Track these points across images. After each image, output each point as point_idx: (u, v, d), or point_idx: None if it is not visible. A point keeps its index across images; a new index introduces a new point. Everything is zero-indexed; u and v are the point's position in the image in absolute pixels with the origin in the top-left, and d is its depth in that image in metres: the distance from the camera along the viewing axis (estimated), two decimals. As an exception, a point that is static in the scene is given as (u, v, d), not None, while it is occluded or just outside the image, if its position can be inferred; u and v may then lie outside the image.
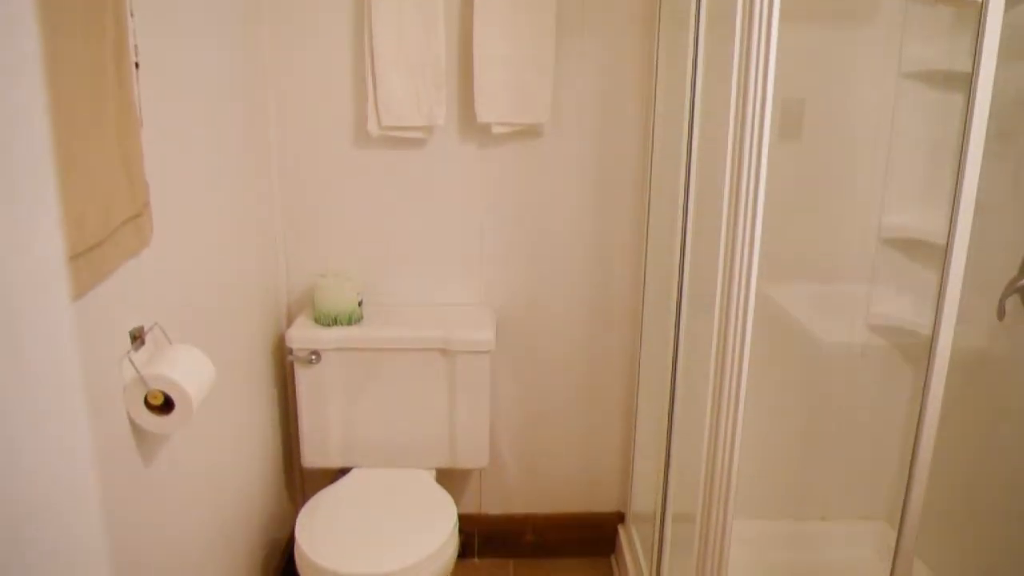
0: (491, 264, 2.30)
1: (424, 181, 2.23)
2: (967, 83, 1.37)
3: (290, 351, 2.12)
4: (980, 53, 1.32)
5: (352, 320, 2.15)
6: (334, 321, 2.14)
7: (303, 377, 2.14)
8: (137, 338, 1.37)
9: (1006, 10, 1.66)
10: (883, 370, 2.28)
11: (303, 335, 2.11)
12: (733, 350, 1.42)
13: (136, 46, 1.33)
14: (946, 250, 1.42)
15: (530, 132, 2.18)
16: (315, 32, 2.12)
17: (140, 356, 1.37)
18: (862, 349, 2.28)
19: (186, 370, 1.39)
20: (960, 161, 1.37)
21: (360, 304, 2.17)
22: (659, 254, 2.12)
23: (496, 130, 2.13)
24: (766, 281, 2.20)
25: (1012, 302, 1.86)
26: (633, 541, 2.38)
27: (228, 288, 1.88)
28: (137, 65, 1.34)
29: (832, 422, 2.33)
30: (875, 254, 2.23)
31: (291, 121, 2.17)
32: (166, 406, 1.36)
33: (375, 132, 2.11)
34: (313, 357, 2.12)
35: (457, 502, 2.18)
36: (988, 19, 1.31)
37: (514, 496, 2.51)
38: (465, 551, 2.50)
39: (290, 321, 2.26)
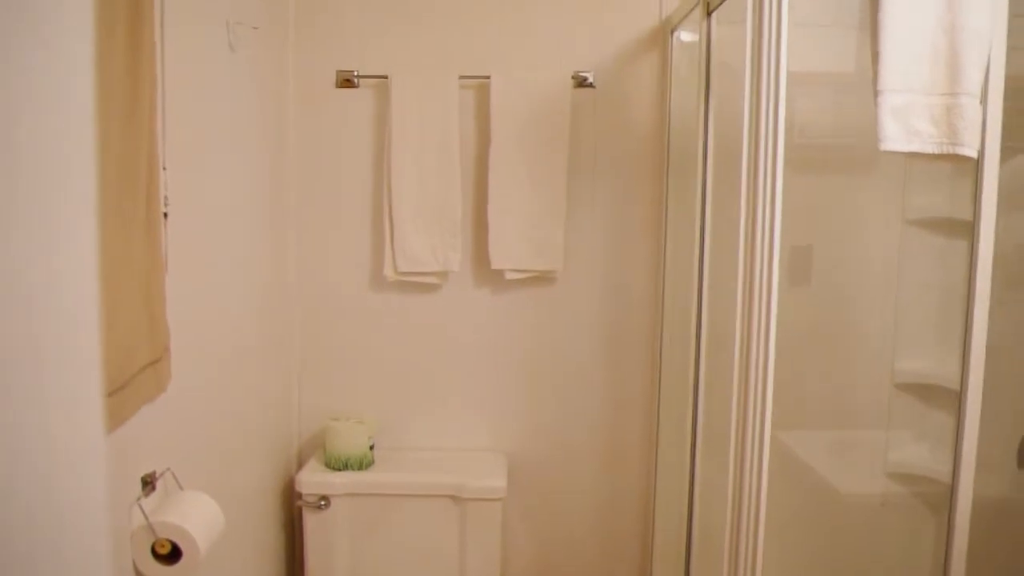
0: (504, 409, 2.29)
1: (438, 325, 2.25)
2: (970, 230, 1.40)
3: (299, 496, 2.09)
4: (980, 204, 1.36)
5: (363, 465, 2.13)
6: (345, 465, 2.11)
7: (312, 522, 2.10)
8: (148, 483, 1.36)
9: (1002, 161, 1.71)
10: (905, 519, 2.22)
11: (313, 480, 2.09)
12: (749, 497, 1.40)
13: (166, 196, 1.38)
14: (960, 395, 1.42)
15: (544, 278, 2.23)
16: (337, 176, 2.20)
17: (150, 502, 1.36)
18: (882, 498, 2.23)
19: (196, 519, 1.38)
20: (968, 307, 1.39)
21: (372, 448, 2.16)
22: (672, 401, 2.11)
23: (510, 276, 2.18)
24: (781, 428, 2.19)
25: (1032, 449, 1.83)
26: None
27: (241, 432, 1.88)
28: (166, 215, 1.39)
29: (853, 572, 2.25)
30: (890, 400, 2.21)
31: (311, 264, 2.23)
32: (173, 554, 1.34)
33: (391, 277, 2.16)
34: (323, 502, 2.08)
35: (467, 658, 2.09)
36: (985, 171, 1.35)
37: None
38: None
39: (300, 464, 2.24)
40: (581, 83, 2.16)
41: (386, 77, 2.13)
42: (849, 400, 2.23)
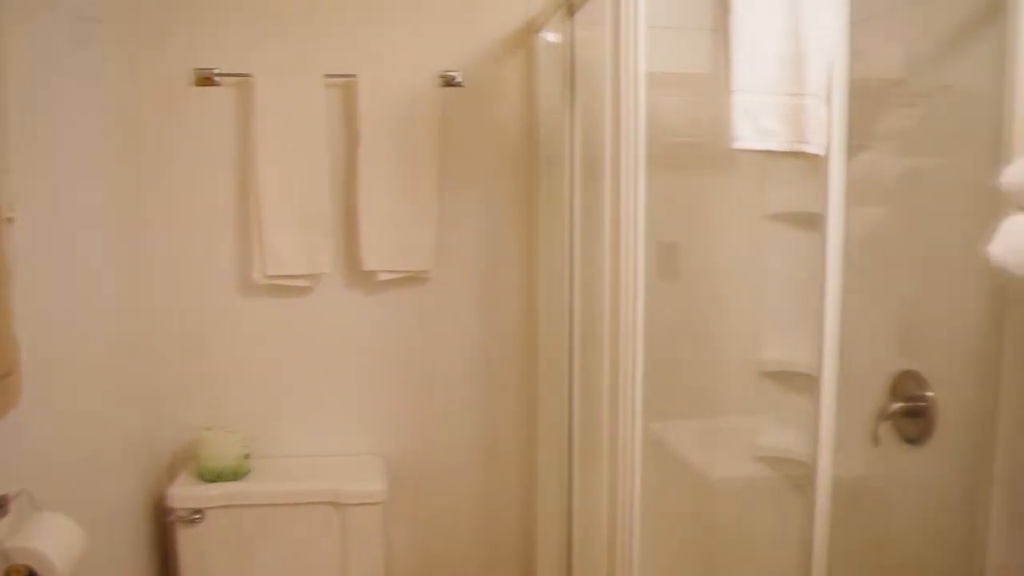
0: (381, 411, 2.27)
1: (311, 328, 2.21)
2: (822, 224, 1.48)
3: (171, 511, 2.01)
4: (828, 198, 1.44)
5: (238, 475, 2.07)
6: (218, 477, 2.05)
7: (185, 538, 2.02)
8: (1, 507, 1.28)
9: (850, 158, 1.81)
10: (773, 501, 2.32)
11: (185, 493, 2.02)
12: (624, 489, 1.43)
13: (11, 202, 1.31)
14: (819, 381, 1.49)
15: (417, 278, 2.22)
16: (199, 177, 2.13)
17: (3, 527, 1.28)
18: (751, 481, 2.32)
19: (54, 541, 1.30)
20: (821, 296, 1.46)
21: (247, 457, 2.10)
22: (550, 396, 2.14)
23: (382, 277, 2.16)
24: (655, 419, 2.25)
25: (884, 429, 1.94)
26: None
27: (104, 447, 1.80)
28: (11, 220, 1.31)
29: (728, 556, 2.34)
30: (756, 387, 2.31)
31: (174, 269, 2.15)
32: (28, 580, 1.26)
33: (260, 280, 2.11)
34: (196, 516, 2.01)
35: (351, 666, 2.06)
36: (832, 167, 1.43)
37: (412, 655, 2.39)
38: None
39: (172, 478, 2.15)
40: (449, 82, 2.16)
41: (249, 76, 2.07)
42: (718, 389, 2.31)
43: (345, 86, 2.13)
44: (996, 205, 1.46)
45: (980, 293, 1.69)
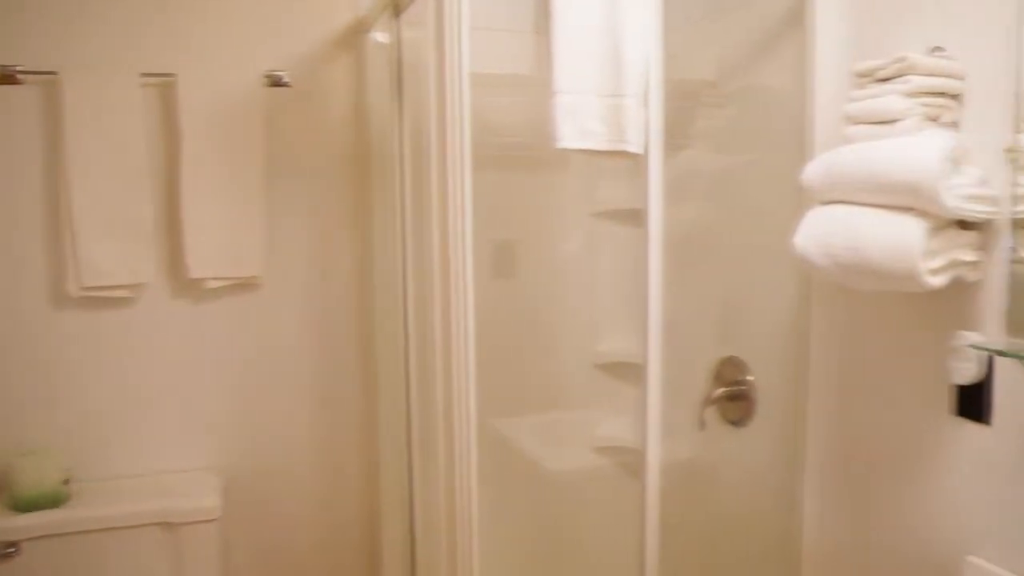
0: (214, 424, 2.18)
1: (135, 341, 2.10)
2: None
3: (-21, 546, 1.86)
4: (648, 194, 1.50)
5: (57, 502, 1.93)
6: (34, 505, 1.91)
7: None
8: None
9: (669, 157, 1.89)
10: (612, 489, 2.39)
11: (-5, 525, 1.87)
12: (461, 487, 1.44)
13: None
14: (644, 370, 1.55)
15: (247, 284, 2.15)
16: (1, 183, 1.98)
17: None
18: (590, 471, 2.39)
19: None
20: (644, 288, 1.52)
21: (66, 482, 1.96)
22: (389, 399, 2.13)
23: (210, 284, 2.08)
24: (495, 416, 2.28)
25: (710, 413, 2.04)
26: None
27: None
28: None
29: (570, 543, 2.40)
30: (593, 380, 2.38)
31: (-25, 286, 1.98)
32: None
33: (75, 292, 1.98)
34: (10, 550, 1.87)
35: None
36: (651, 165, 1.49)
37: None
38: None
39: (-20, 511, 1.99)
40: (276, 82, 2.10)
41: (55, 73, 1.94)
42: (558, 383, 2.37)
43: (164, 85, 2.03)
44: (802, 199, 1.57)
45: (791, 282, 1.81)
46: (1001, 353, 1.28)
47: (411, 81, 1.76)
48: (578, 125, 1.42)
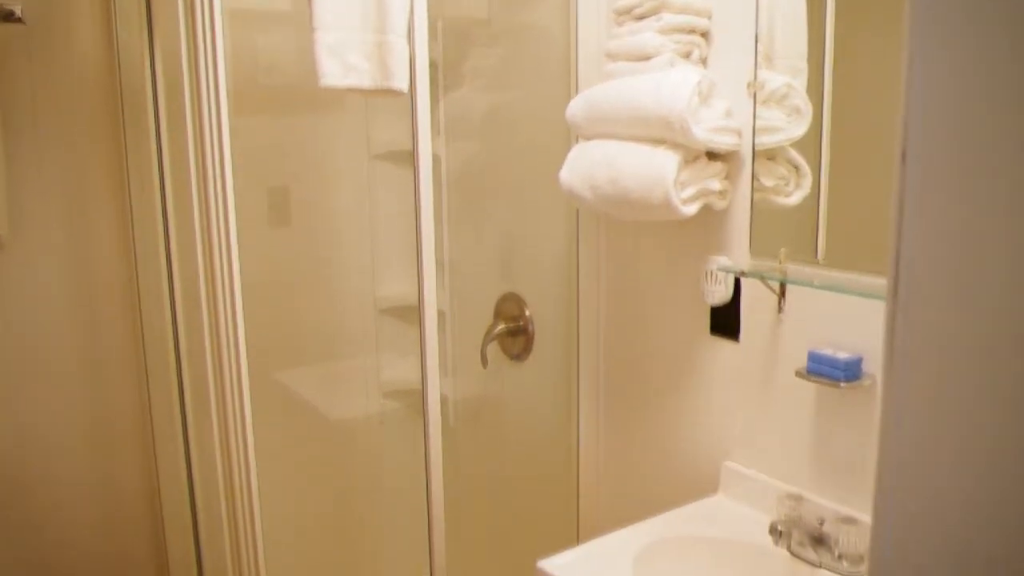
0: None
1: None
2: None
3: None
4: (417, 134, 1.48)
5: None
6: None
7: None
8: None
9: (444, 96, 1.88)
10: (402, 432, 2.41)
11: None
12: (237, 445, 1.39)
13: None
14: (419, 310, 1.55)
15: (-12, 245, 1.94)
16: None
17: None
18: (380, 417, 2.39)
19: None
20: (417, 229, 1.51)
21: None
22: (159, 363, 2.01)
23: (-59, 246, 1.86)
24: (278, 368, 2.21)
25: (492, 350, 2.09)
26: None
27: None
28: None
29: (363, 492, 2.40)
30: (378, 325, 2.36)
31: None
32: None
33: None
34: None
35: None
36: (418, 103, 1.47)
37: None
38: None
39: None
40: (7, 17, 1.88)
41: None
42: (341, 331, 2.33)
43: None
44: (572, 135, 1.62)
45: (563, 217, 1.86)
46: (743, 274, 1.39)
47: (162, 16, 1.63)
48: (342, 62, 1.37)
